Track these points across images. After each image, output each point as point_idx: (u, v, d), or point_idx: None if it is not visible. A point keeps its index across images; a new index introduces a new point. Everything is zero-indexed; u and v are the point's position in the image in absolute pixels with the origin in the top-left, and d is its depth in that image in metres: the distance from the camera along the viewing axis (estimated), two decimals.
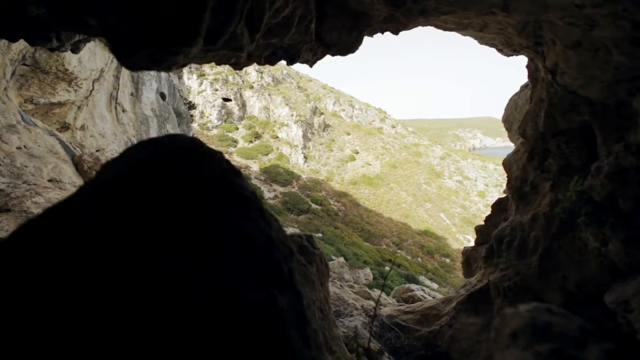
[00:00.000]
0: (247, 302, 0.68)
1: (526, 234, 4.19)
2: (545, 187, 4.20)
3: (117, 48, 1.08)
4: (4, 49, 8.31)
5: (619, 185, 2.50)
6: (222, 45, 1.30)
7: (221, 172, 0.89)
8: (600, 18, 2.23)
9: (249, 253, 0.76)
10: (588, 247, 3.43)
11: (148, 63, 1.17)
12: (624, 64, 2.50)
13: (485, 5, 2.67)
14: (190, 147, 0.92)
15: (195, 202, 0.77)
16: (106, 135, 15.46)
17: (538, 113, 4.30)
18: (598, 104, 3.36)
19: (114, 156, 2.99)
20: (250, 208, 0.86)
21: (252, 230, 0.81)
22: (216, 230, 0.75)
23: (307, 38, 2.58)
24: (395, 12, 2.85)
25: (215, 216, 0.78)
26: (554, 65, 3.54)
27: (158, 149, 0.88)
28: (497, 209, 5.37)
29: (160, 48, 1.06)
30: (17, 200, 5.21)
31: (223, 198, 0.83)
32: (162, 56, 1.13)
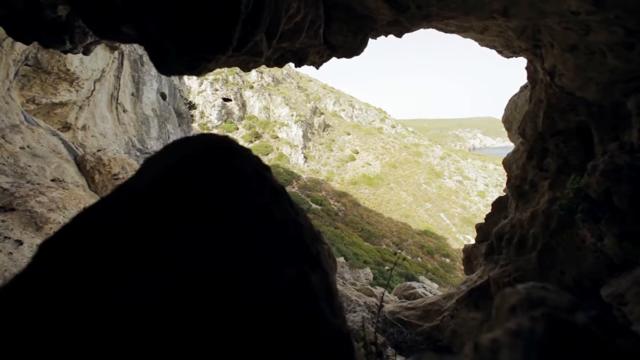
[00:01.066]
0: (284, 277, 0.79)
1: (525, 231, 4.31)
2: (544, 186, 4.32)
3: (156, 56, 1.19)
4: (7, 49, 8.38)
5: (613, 182, 2.62)
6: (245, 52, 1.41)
7: (255, 167, 1.01)
8: (595, 24, 2.35)
9: (283, 236, 0.88)
10: (585, 243, 3.55)
11: (183, 69, 1.28)
12: (619, 66, 2.62)
13: (486, 10, 2.79)
14: (225, 145, 1.04)
15: (238, 193, 0.89)
16: (107, 135, 15.45)
17: (537, 113, 4.42)
18: (595, 105, 3.48)
19: (116, 155, 3.13)
20: (281, 198, 0.98)
21: (284, 217, 0.93)
22: (256, 218, 0.87)
23: (316, 42, 2.70)
24: (399, 17, 2.97)
25: (254, 205, 0.89)
26: (552, 67, 3.66)
27: (199, 146, 1.00)
28: (497, 207, 5.49)
29: (196, 56, 1.18)
30: (22, 200, 5.28)
31: (259, 190, 0.95)
32: (196, 63, 1.24)
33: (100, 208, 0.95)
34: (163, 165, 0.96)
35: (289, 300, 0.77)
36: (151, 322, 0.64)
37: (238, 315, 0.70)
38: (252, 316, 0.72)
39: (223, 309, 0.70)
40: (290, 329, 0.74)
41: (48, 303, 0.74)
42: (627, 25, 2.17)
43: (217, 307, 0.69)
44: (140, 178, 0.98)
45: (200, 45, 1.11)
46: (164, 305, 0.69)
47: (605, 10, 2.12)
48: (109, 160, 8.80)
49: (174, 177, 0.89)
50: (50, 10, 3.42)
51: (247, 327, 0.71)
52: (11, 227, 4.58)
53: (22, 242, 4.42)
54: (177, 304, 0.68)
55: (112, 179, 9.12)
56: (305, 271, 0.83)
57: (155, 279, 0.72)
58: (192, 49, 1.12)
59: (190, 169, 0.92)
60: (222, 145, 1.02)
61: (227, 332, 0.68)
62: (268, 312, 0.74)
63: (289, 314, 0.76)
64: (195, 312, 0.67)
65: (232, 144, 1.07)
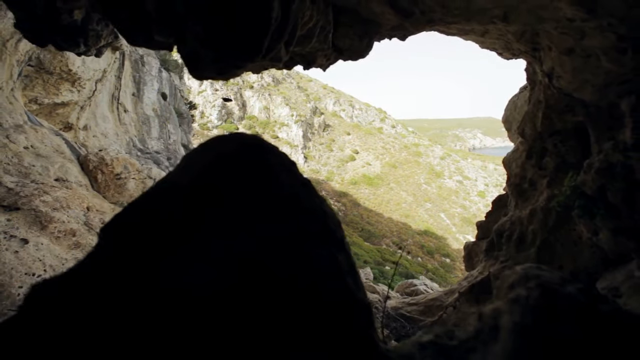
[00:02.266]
0: (317, 258, 0.93)
1: (525, 228, 4.45)
2: (542, 184, 4.46)
3: (191, 63, 1.33)
4: (11, 50, 8.46)
5: (608, 179, 2.76)
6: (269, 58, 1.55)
7: (284, 162, 1.14)
8: (589, 30, 2.49)
9: (313, 223, 1.01)
10: (582, 238, 3.69)
11: (215, 74, 1.42)
12: (613, 69, 2.76)
13: (487, 16, 2.92)
14: (257, 142, 1.17)
15: (273, 186, 1.02)
16: (108, 135, 15.44)
17: (536, 114, 4.56)
18: (591, 106, 3.62)
19: (119, 155, 3.30)
20: (308, 189, 1.11)
21: (313, 206, 1.06)
22: (289, 207, 1.01)
23: (325, 46, 2.84)
24: (404, 22, 3.10)
25: (287, 196, 1.03)
26: (551, 69, 3.80)
27: (235, 144, 1.13)
28: (497, 205, 5.63)
29: (229, 64, 1.31)
30: (27, 199, 5.36)
31: (289, 182, 1.08)
32: (228, 69, 1.38)
33: (148, 202, 1.08)
34: (205, 161, 1.10)
35: (322, 277, 0.90)
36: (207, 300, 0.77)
37: (282, 288, 0.83)
38: (294, 290, 0.85)
39: (269, 284, 0.83)
40: (324, 301, 0.87)
41: (114, 284, 0.87)
42: (619, 32, 2.31)
43: (265, 282, 0.83)
44: (183, 173, 1.12)
45: (235, 54, 1.24)
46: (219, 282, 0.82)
47: (598, 18, 2.26)
48: (111, 160, 8.86)
49: (216, 172, 1.02)
50: (67, 14, 3.55)
51: (290, 298, 0.84)
52: (16, 226, 4.65)
53: (28, 240, 4.48)
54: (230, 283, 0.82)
55: (115, 179, 9.13)
56: (333, 252, 0.97)
57: (211, 261, 0.85)
58: (226, 56, 1.25)
59: (230, 165, 1.05)
60: (255, 143, 1.16)
61: (274, 301, 0.81)
62: (307, 286, 0.87)
63: (323, 288, 0.89)
64: (246, 290, 0.80)
65: (263, 142, 1.21)
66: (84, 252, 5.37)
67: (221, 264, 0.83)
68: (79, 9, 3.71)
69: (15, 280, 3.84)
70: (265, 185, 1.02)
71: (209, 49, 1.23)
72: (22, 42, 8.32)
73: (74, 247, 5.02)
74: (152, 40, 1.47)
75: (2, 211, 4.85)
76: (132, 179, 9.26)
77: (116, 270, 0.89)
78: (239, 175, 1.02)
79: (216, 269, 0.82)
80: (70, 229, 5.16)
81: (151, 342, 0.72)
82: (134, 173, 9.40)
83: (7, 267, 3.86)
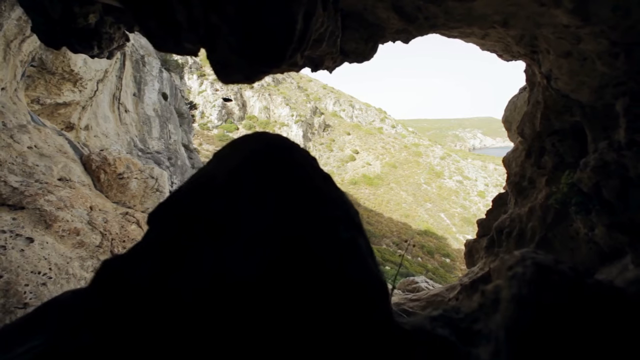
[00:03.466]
0: (342, 240, 1.06)
1: (524, 225, 4.59)
2: (541, 182, 4.60)
3: (221, 68, 1.46)
4: (15, 51, 8.52)
5: (603, 177, 2.89)
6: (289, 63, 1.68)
7: (306, 157, 1.28)
8: (584, 35, 2.63)
9: (336, 210, 1.15)
10: (579, 234, 3.83)
11: (242, 79, 1.55)
12: (607, 72, 2.90)
13: (488, 21, 3.06)
14: (282, 140, 1.31)
15: (300, 179, 1.16)
16: (109, 135, 15.42)
17: (535, 114, 4.70)
18: (588, 107, 3.76)
19: (121, 155, 3.49)
20: (329, 182, 1.25)
21: (334, 196, 1.20)
22: (315, 197, 1.14)
23: (334, 50, 2.97)
24: (408, 27, 3.24)
25: (312, 188, 1.16)
26: (549, 71, 3.94)
27: (263, 142, 1.27)
28: (497, 203, 5.77)
29: (256, 70, 1.44)
30: (31, 198, 5.39)
31: (313, 175, 1.21)
32: (255, 75, 1.51)
33: (188, 194, 1.22)
34: (238, 157, 1.23)
35: (347, 256, 1.04)
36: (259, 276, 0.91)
37: (315, 265, 0.97)
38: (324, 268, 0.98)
39: (305, 263, 0.97)
40: (349, 277, 1.01)
41: (165, 262, 1.01)
42: (611, 38, 2.45)
43: (300, 259, 0.96)
44: (218, 169, 1.25)
45: (264, 62, 1.37)
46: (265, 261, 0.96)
47: (591, 25, 2.40)
48: (114, 160, 8.91)
49: (249, 167, 1.16)
50: (82, 18, 3.69)
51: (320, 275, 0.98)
52: (22, 225, 4.71)
53: (33, 239, 4.51)
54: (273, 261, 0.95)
55: (117, 178, 9.12)
56: (355, 235, 1.10)
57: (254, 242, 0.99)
58: (256, 64, 1.38)
59: (261, 161, 1.19)
60: (280, 141, 1.29)
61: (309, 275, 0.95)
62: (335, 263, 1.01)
63: (347, 266, 1.03)
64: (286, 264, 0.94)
65: (287, 140, 1.34)
66: (88, 251, 5.40)
67: (264, 242, 0.97)
68: (94, 13, 3.84)
69: (22, 279, 3.89)
70: (294, 178, 1.15)
71: (241, 57, 1.35)
72: (26, 42, 8.35)
73: (78, 246, 5.10)
74: (180, 47, 1.60)
75: (8, 210, 4.93)
76: (135, 178, 9.27)
77: (165, 252, 1.03)
78: (270, 170, 1.16)
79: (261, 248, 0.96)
80: (74, 228, 5.24)
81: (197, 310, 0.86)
82: (136, 173, 9.42)
83: (13, 266, 3.93)
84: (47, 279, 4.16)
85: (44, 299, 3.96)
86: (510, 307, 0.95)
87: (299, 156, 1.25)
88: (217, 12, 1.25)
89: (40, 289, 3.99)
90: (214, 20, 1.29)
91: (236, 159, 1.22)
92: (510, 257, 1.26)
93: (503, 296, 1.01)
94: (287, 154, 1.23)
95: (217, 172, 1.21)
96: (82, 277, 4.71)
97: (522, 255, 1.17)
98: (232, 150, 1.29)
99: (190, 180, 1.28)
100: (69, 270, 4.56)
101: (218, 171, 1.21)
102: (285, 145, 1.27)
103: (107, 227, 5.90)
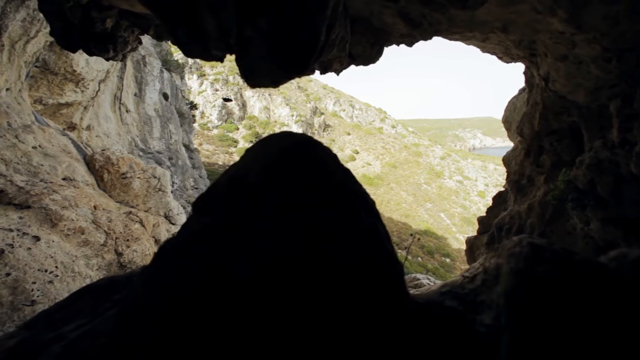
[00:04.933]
0: (365, 225, 1.23)
1: (523, 221, 4.76)
2: (540, 180, 4.77)
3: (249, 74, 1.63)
4: (19, 51, 8.57)
5: (597, 174, 3.06)
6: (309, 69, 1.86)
7: (329, 153, 1.45)
8: (579, 41, 2.80)
9: (356, 200, 1.32)
10: (576, 229, 4.00)
11: (268, 83, 1.72)
12: (601, 75, 3.07)
13: (489, 27, 3.23)
14: (307, 139, 1.47)
15: (326, 173, 1.33)
16: (110, 135, 15.39)
17: (534, 114, 4.87)
18: (584, 107, 3.93)
19: (124, 155, 3.73)
20: (350, 175, 1.42)
21: (354, 188, 1.37)
22: (338, 189, 1.31)
23: (343, 54, 3.14)
24: (413, 32, 3.41)
25: (335, 181, 1.33)
26: (547, 74, 4.11)
27: (291, 140, 1.44)
28: (497, 201, 5.94)
29: (282, 76, 1.61)
30: (37, 198, 5.42)
31: (335, 169, 1.38)
32: (280, 79, 1.68)
33: (226, 185, 1.39)
34: (270, 153, 1.40)
35: (368, 239, 1.20)
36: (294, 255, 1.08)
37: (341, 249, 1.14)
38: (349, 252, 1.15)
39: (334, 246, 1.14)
40: (372, 260, 1.17)
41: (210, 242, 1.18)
42: (603, 44, 2.62)
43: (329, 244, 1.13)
44: (252, 163, 1.42)
45: (290, 69, 1.54)
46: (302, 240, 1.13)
47: (585, 32, 2.57)
48: (117, 160, 8.94)
49: (281, 161, 1.32)
50: (100, 23, 3.86)
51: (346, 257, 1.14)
52: (28, 224, 4.75)
53: (40, 238, 4.54)
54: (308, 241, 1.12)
55: (120, 178, 9.12)
56: (375, 222, 1.27)
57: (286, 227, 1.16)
58: (283, 70, 1.55)
59: (290, 156, 1.36)
60: (305, 139, 1.46)
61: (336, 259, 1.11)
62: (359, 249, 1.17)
63: (370, 249, 1.19)
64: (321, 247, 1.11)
65: (311, 139, 1.51)
66: (93, 249, 5.41)
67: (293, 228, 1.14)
68: (110, 17, 4.01)
69: (29, 276, 3.92)
70: (319, 171, 1.32)
71: (270, 64, 1.52)
72: (30, 43, 8.41)
73: (83, 245, 5.14)
74: (209, 54, 1.76)
75: (14, 209, 4.96)
76: (138, 178, 9.29)
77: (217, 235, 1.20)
78: (299, 164, 1.33)
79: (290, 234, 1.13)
80: (79, 226, 5.28)
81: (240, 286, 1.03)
82: (139, 172, 9.45)
83: (21, 264, 3.96)
84: (54, 277, 4.20)
85: (50, 297, 4.00)
86: (509, 279, 1.11)
87: (322, 153, 1.41)
88: (251, 26, 1.41)
89: (47, 287, 4.03)
90: (247, 33, 1.45)
91: (269, 154, 1.39)
92: (510, 241, 1.43)
93: (503, 271, 1.18)
94: (312, 150, 1.40)
95: (252, 166, 1.38)
96: (87, 276, 4.75)
97: (520, 239, 1.34)
98: (264, 147, 1.46)
99: (227, 173, 1.45)
100: (75, 269, 4.62)
101: (253, 165, 1.38)
102: (311, 142, 1.44)
103: (111, 226, 5.99)
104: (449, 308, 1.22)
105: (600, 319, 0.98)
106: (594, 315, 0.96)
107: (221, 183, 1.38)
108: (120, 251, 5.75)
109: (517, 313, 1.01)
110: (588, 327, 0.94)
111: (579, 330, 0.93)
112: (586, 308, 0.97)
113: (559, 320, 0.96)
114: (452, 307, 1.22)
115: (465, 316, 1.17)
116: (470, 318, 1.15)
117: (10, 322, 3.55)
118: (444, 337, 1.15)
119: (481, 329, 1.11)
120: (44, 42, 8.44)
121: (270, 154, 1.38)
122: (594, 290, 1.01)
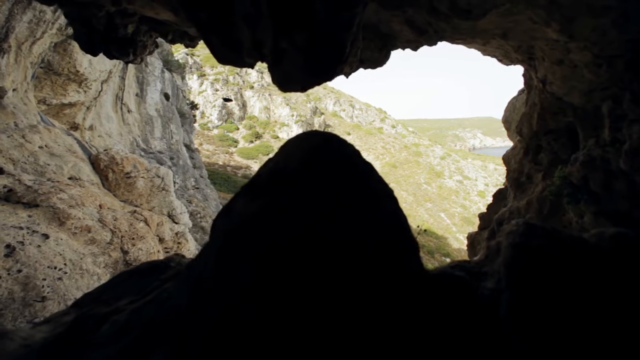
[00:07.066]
0: (388, 208, 1.48)
1: (522, 216, 5.00)
2: (538, 177, 5.02)
3: (283, 80, 1.87)
4: (25, 52, 8.67)
5: (590, 170, 3.31)
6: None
7: (354, 149, 1.69)
8: (572, 48, 3.04)
9: (379, 188, 1.56)
10: (571, 223, 4.24)
11: (298, 89, 1.95)
12: (593, 79, 3.32)
13: (489, 34, 3.48)
14: (333, 137, 1.71)
15: (353, 167, 1.57)
16: (112, 135, 15.37)
17: (532, 115, 5.12)
18: (579, 108, 4.18)
19: (128, 155, 4.05)
20: (372, 168, 1.66)
21: (378, 178, 1.61)
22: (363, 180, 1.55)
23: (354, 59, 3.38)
24: (418, 38, 3.66)
25: (361, 173, 1.57)
26: (544, 76, 4.36)
27: (320, 138, 1.67)
28: (497, 198, 6.18)
29: (312, 82, 1.84)
30: (45, 197, 5.51)
31: (359, 163, 1.62)
32: (309, 85, 1.92)
33: (269, 176, 1.63)
34: (303, 150, 1.64)
35: (391, 220, 1.44)
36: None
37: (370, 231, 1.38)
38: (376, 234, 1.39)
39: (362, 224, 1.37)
40: (395, 241, 1.41)
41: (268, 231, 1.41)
42: (594, 51, 2.87)
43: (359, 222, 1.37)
44: (288, 160, 1.67)
45: (320, 76, 1.77)
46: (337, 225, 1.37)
47: (577, 40, 2.81)
48: (121, 160, 9.00)
49: (314, 157, 1.57)
50: (122, 28, 4.09)
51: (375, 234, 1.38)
52: (37, 222, 4.81)
53: (48, 235, 4.60)
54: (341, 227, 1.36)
55: (125, 178, 9.17)
56: (396, 207, 1.51)
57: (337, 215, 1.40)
58: (314, 77, 1.78)
59: (322, 152, 1.59)
60: (332, 137, 1.69)
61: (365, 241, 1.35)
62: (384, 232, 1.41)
63: (393, 232, 1.43)
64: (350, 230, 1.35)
65: (337, 137, 1.74)
66: (100, 247, 5.34)
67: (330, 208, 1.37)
68: (132, 23, 4.25)
69: (40, 273, 3.98)
70: (346, 164, 1.56)
71: (302, 73, 1.75)
72: (36, 44, 8.53)
73: (90, 243, 5.21)
74: (241, 61, 1.99)
75: (23, 208, 5.06)
76: (141, 177, 9.34)
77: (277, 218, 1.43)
78: (329, 159, 1.56)
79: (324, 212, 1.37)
80: (85, 225, 5.34)
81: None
82: (142, 172, 9.51)
83: (31, 260, 4.01)
84: (63, 274, 4.25)
85: (60, 294, 4.07)
86: (508, 251, 1.35)
87: (347, 149, 1.65)
88: (287, 39, 1.64)
89: (57, 284, 4.08)
90: (283, 45, 1.68)
91: (303, 151, 1.62)
92: (508, 225, 1.68)
93: (503, 246, 1.42)
94: (339, 147, 1.64)
95: (289, 160, 1.62)
96: (94, 273, 4.82)
97: (517, 221, 1.58)
98: (296, 145, 1.70)
99: (265, 166, 1.69)
100: (83, 266, 4.69)
101: (290, 159, 1.62)
102: (338, 140, 1.67)
103: (117, 224, 6.06)
104: (457, 277, 1.46)
105: (582, 280, 1.22)
106: (577, 278, 1.19)
107: (263, 174, 1.62)
108: (126, 249, 5.85)
109: (515, 276, 1.25)
110: (572, 286, 1.18)
111: (564, 289, 1.17)
112: (571, 272, 1.21)
113: (549, 282, 1.20)
114: (461, 276, 1.46)
115: (472, 283, 1.41)
116: (475, 284, 1.38)
117: (22, 317, 3.60)
118: (454, 299, 1.38)
119: (485, 292, 1.35)
120: (49, 43, 8.57)
121: (305, 150, 1.62)
122: (578, 258, 1.24)
